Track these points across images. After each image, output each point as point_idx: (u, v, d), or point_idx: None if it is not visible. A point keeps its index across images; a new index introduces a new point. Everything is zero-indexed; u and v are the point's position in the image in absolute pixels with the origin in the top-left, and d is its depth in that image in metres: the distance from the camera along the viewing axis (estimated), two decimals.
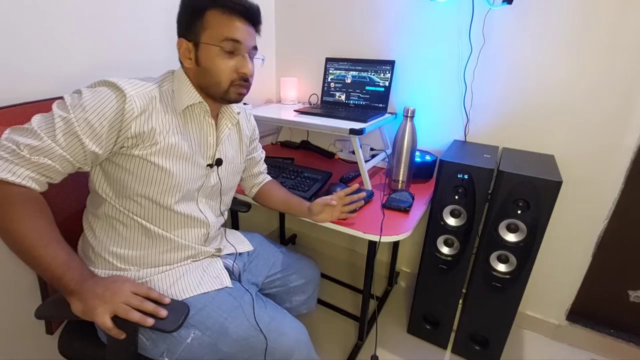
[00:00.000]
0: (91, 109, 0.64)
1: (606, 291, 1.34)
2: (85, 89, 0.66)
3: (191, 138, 0.77)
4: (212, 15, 0.71)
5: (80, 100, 0.64)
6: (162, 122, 0.72)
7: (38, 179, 0.63)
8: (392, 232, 0.97)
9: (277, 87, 1.77)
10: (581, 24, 1.09)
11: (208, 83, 0.75)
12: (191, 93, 0.76)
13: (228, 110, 0.87)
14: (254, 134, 1.02)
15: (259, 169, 1.07)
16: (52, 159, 0.62)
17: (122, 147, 0.69)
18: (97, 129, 0.64)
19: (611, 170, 1.17)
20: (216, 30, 0.71)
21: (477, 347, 1.27)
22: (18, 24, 0.84)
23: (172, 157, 0.73)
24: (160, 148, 0.71)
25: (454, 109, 1.35)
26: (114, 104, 0.65)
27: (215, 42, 0.72)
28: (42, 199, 0.65)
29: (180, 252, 0.81)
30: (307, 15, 1.57)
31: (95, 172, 0.73)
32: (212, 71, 0.73)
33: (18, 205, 0.60)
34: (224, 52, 0.72)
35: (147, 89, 0.70)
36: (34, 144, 0.60)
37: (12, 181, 0.60)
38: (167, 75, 0.78)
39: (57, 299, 0.64)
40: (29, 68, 0.88)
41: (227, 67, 0.74)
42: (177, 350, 0.71)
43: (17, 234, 0.59)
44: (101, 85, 0.67)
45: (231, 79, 0.75)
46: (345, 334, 1.42)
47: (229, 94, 0.76)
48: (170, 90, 0.75)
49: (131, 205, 0.74)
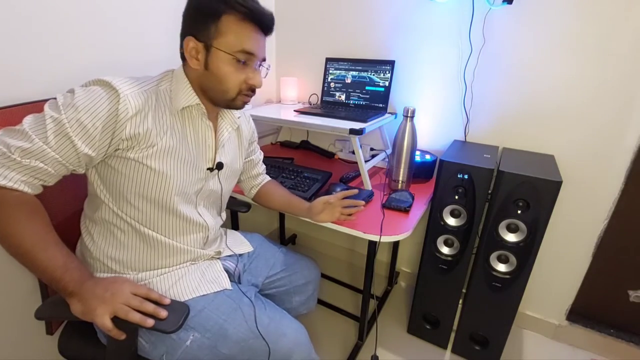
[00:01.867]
0: (84, 109, 0.62)
1: (606, 291, 1.34)
2: (79, 88, 0.64)
3: (189, 140, 0.76)
4: (229, 21, 0.69)
5: (73, 100, 0.62)
6: (159, 122, 0.70)
7: (31, 182, 0.61)
8: (392, 232, 0.97)
9: (277, 87, 1.77)
10: (581, 24, 1.09)
11: (214, 88, 0.74)
12: (189, 94, 0.74)
13: (229, 115, 0.86)
14: (253, 136, 1.02)
15: (257, 170, 1.06)
16: (44, 162, 0.61)
17: (117, 149, 0.67)
18: (90, 130, 0.62)
19: (611, 171, 1.17)
20: (232, 38, 0.69)
21: (477, 347, 1.27)
22: (16, 23, 0.83)
23: (169, 160, 0.72)
24: (157, 150, 0.70)
25: (454, 109, 1.35)
26: (107, 104, 0.63)
27: (230, 50, 0.70)
28: (37, 201, 0.63)
29: (179, 256, 0.80)
30: (307, 15, 1.57)
31: (92, 175, 0.72)
32: (221, 78, 0.72)
33: (11, 208, 0.59)
34: (236, 62, 0.71)
35: (143, 88, 0.69)
36: (25, 146, 0.59)
37: (4, 185, 0.59)
38: (166, 74, 0.76)
39: (57, 299, 0.64)
40: (27, 68, 0.87)
41: (238, 77, 0.73)
42: (176, 353, 0.71)
43: (14, 237, 0.59)
44: (95, 84, 0.65)
45: (240, 89, 0.75)
46: (345, 334, 1.42)
47: (235, 102, 0.77)
48: (169, 90, 0.74)
49: (129, 210, 0.73)
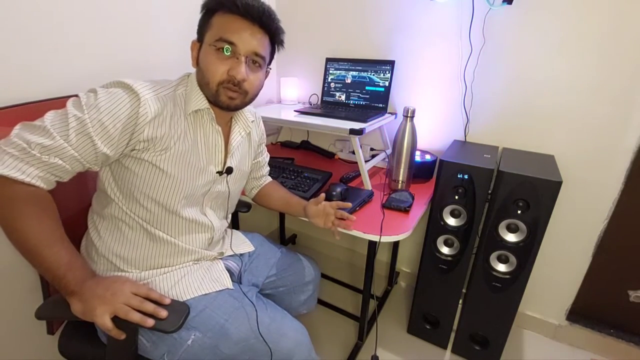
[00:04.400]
0: (105, 110, 0.63)
1: (606, 291, 1.34)
2: (101, 89, 0.66)
3: (200, 144, 0.77)
4: (218, 16, 0.71)
5: (96, 101, 0.63)
6: (175, 127, 0.71)
7: (47, 178, 0.62)
8: (392, 232, 0.97)
9: (277, 87, 1.77)
10: (581, 24, 1.09)
11: (202, 83, 0.74)
12: (199, 98, 0.75)
13: (242, 119, 0.86)
14: (262, 138, 1.02)
15: (262, 172, 1.07)
16: (62, 159, 0.62)
17: (133, 149, 0.69)
18: (110, 130, 0.64)
19: (611, 171, 1.17)
20: (215, 30, 0.71)
21: (477, 347, 1.27)
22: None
23: (180, 164, 0.73)
24: (171, 155, 0.71)
25: (454, 109, 1.35)
26: (128, 106, 0.65)
27: (211, 41, 0.71)
28: (50, 197, 0.65)
29: (183, 256, 0.81)
30: (307, 15, 1.57)
31: (104, 172, 0.73)
32: (204, 71, 0.73)
33: (25, 204, 0.60)
34: (217, 52, 0.71)
35: (162, 93, 0.70)
36: (45, 143, 0.60)
37: (22, 180, 0.60)
38: (183, 78, 0.77)
39: (57, 299, 0.64)
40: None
41: (218, 67, 0.71)
42: (177, 352, 0.71)
43: (22, 232, 0.60)
44: (116, 86, 0.67)
45: (220, 80, 0.71)
46: (345, 334, 1.42)
47: (219, 95, 0.73)
48: (184, 94, 0.75)
49: (137, 209, 0.74)
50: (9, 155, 0.59)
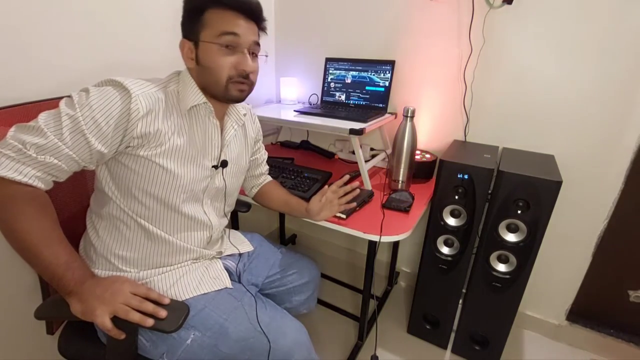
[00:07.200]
0: (98, 107, 0.64)
1: (606, 291, 1.34)
2: (93, 88, 0.66)
3: (196, 139, 0.77)
4: (211, 13, 0.71)
5: (88, 99, 0.64)
6: (168, 123, 0.72)
7: (44, 177, 0.63)
8: (392, 232, 0.97)
9: (277, 87, 1.77)
10: (581, 24, 1.09)
11: (208, 82, 0.75)
12: (196, 94, 0.75)
13: (234, 112, 0.86)
14: (258, 135, 1.02)
15: (261, 170, 1.07)
16: (58, 158, 0.62)
17: (128, 146, 0.69)
18: (104, 128, 0.64)
19: (611, 170, 1.17)
20: (214, 26, 0.71)
21: (477, 347, 1.27)
22: (19, 23, 0.84)
23: (177, 159, 0.73)
24: (166, 149, 0.71)
25: (454, 109, 1.35)
26: (119, 103, 0.65)
27: (213, 38, 0.71)
28: (47, 197, 0.65)
29: (181, 254, 0.81)
30: (307, 15, 1.57)
31: (101, 171, 0.73)
32: (211, 69, 0.73)
33: (23, 204, 0.61)
34: (222, 48, 0.72)
35: (153, 90, 0.70)
36: (40, 142, 0.60)
37: (19, 180, 0.60)
38: (172, 76, 0.78)
39: (56, 299, 0.64)
40: (30, 67, 0.88)
41: (226, 63, 0.73)
42: (177, 351, 0.71)
43: (21, 233, 0.60)
44: (107, 85, 0.67)
45: (229, 75, 0.73)
46: (345, 334, 1.42)
47: (229, 91, 0.75)
48: (176, 92, 0.75)
49: (136, 206, 0.74)
50: (5, 157, 0.59)
